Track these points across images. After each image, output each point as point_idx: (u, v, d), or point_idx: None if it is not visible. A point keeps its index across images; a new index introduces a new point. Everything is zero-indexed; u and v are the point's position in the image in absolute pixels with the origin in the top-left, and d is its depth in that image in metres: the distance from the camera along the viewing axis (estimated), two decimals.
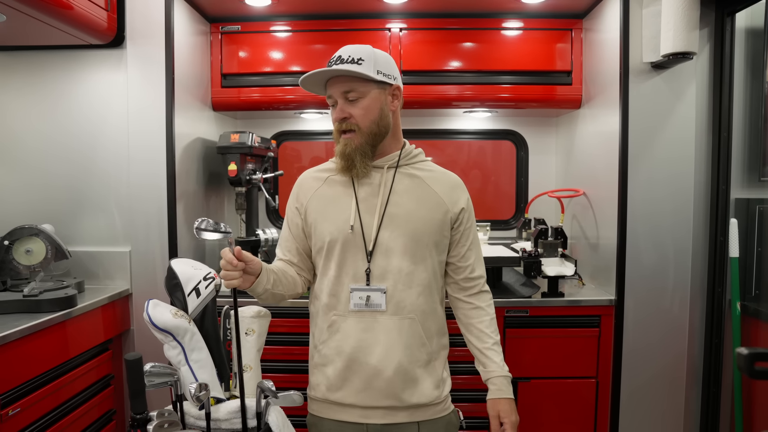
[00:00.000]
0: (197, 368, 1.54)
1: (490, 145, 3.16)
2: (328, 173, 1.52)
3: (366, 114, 1.41)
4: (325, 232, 1.46)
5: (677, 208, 2.26)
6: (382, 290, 1.42)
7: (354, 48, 1.42)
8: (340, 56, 1.41)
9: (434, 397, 1.46)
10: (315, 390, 1.52)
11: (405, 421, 1.44)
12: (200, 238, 1.33)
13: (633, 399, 2.29)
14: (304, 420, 1.60)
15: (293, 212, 1.54)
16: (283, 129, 3.12)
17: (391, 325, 1.42)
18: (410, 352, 1.43)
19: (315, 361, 1.52)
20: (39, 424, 1.80)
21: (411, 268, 1.43)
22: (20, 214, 2.30)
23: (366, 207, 1.45)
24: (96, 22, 2.12)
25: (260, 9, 2.54)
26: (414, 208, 1.45)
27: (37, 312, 1.88)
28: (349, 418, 1.45)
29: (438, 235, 1.46)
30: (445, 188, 1.50)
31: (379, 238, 1.43)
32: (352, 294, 1.43)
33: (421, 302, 1.44)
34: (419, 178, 1.49)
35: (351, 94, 1.41)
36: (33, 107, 2.34)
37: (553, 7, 2.54)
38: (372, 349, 1.42)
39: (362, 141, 1.43)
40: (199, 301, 1.62)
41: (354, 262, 1.44)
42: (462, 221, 1.50)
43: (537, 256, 2.41)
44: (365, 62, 1.39)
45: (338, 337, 1.45)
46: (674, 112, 2.24)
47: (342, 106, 1.42)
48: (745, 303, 2.22)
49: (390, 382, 1.42)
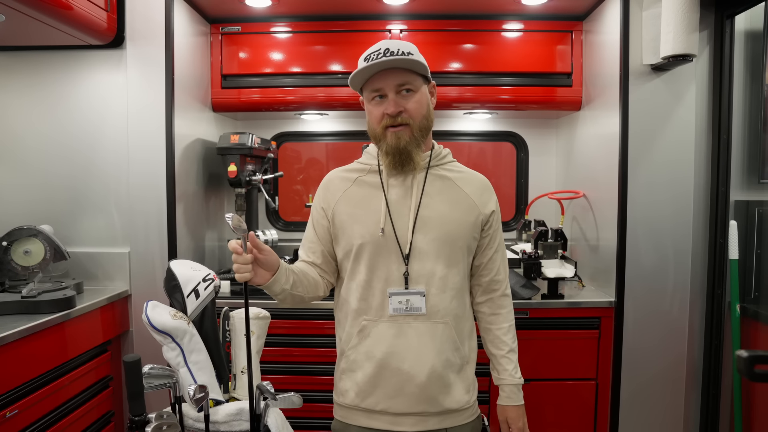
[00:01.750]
0: (196, 370, 1.54)
1: (490, 146, 3.16)
2: (357, 174, 1.48)
3: (418, 108, 1.38)
4: (355, 234, 1.41)
5: (677, 210, 2.26)
6: (422, 293, 1.38)
7: (395, 42, 1.38)
8: (387, 48, 1.35)
9: (465, 401, 1.44)
10: (343, 396, 1.46)
11: (435, 428, 1.41)
12: None
13: (633, 401, 2.29)
14: (327, 423, 1.57)
15: (319, 213, 1.48)
16: (283, 130, 3.12)
17: (423, 329, 1.39)
18: (444, 357, 1.40)
19: (343, 367, 1.47)
20: (37, 426, 1.79)
21: (445, 272, 1.40)
22: (19, 215, 2.30)
23: (397, 209, 1.41)
24: (96, 22, 2.12)
25: (260, 10, 2.54)
26: (447, 211, 1.42)
27: (36, 313, 1.88)
28: (379, 425, 1.41)
29: (470, 238, 1.44)
30: (475, 190, 1.47)
31: (413, 241, 1.39)
32: (391, 299, 1.38)
33: (454, 306, 1.42)
34: (450, 179, 1.46)
35: (406, 86, 1.36)
36: (33, 107, 2.34)
37: (553, 9, 2.54)
38: (404, 354, 1.38)
39: (415, 135, 1.39)
40: (198, 302, 1.61)
41: (386, 266, 1.39)
42: (491, 224, 1.48)
43: (537, 257, 2.41)
44: (414, 55, 1.36)
45: (369, 342, 1.40)
46: (674, 114, 2.24)
47: (396, 99, 1.37)
48: (744, 305, 2.21)
49: (423, 388, 1.38)
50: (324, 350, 2.29)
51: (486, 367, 1.55)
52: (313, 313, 2.31)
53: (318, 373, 2.31)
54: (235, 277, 1.29)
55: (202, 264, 1.76)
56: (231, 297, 2.31)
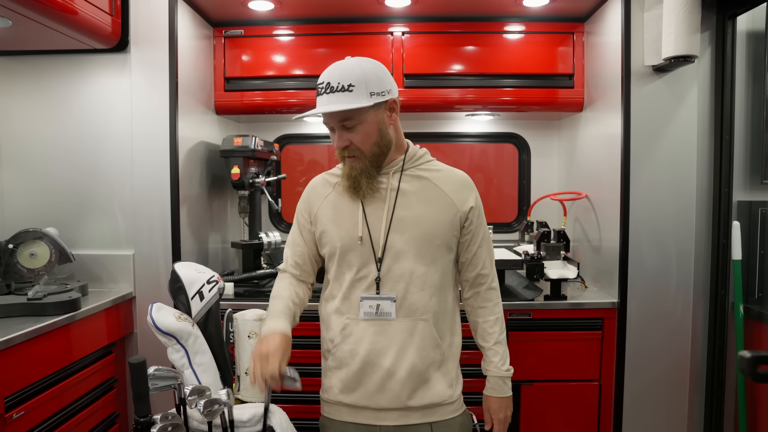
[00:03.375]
0: (200, 371, 1.55)
1: (492, 148, 3.16)
2: (337, 178, 1.52)
3: (365, 138, 1.40)
4: (335, 238, 1.46)
5: (679, 211, 2.26)
6: (392, 299, 1.42)
7: (341, 72, 1.37)
8: (329, 84, 1.37)
9: (447, 396, 1.47)
10: (328, 392, 1.52)
11: (418, 422, 1.44)
12: None
13: (636, 402, 2.29)
14: (316, 423, 1.60)
15: (304, 218, 1.54)
16: (285, 132, 3.13)
17: (403, 327, 1.43)
18: (424, 354, 1.43)
19: (328, 364, 1.52)
20: (43, 427, 1.80)
21: (423, 270, 1.43)
22: (24, 218, 2.31)
23: (374, 212, 1.45)
24: (100, 26, 2.13)
25: (263, 13, 2.56)
26: (423, 210, 1.45)
27: (41, 315, 1.89)
28: (362, 419, 1.46)
29: (449, 236, 1.46)
30: (453, 187, 1.49)
31: (389, 242, 1.43)
32: (362, 303, 1.43)
33: (433, 303, 1.45)
34: (426, 179, 1.49)
35: (348, 122, 1.38)
36: (37, 111, 2.36)
37: (554, 10, 2.55)
38: (385, 351, 1.42)
39: (366, 164, 1.43)
40: (203, 304, 1.62)
41: (367, 269, 1.44)
42: (472, 220, 1.49)
43: (539, 259, 2.41)
44: (356, 88, 1.35)
45: (352, 340, 1.45)
46: (676, 115, 2.24)
47: (341, 134, 1.41)
48: (748, 306, 2.21)
49: (403, 384, 1.42)
50: None
51: (478, 368, 1.56)
52: (314, 314, 2.31)
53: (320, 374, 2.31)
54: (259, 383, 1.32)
55: (206, 266, 1.77)
56: (235, 299, 2.32)
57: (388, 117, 1.44)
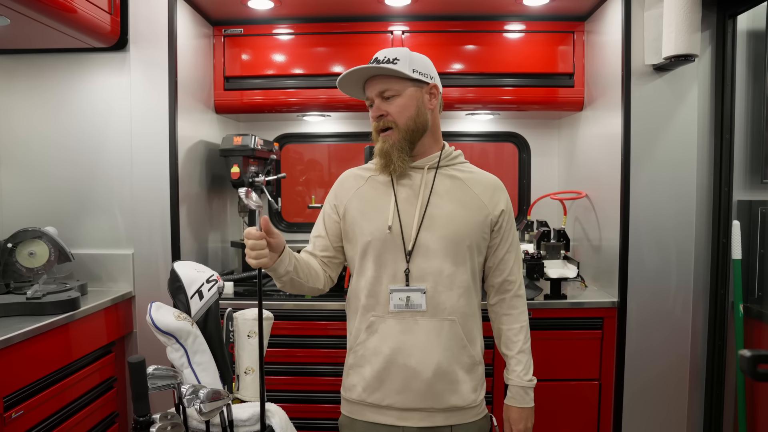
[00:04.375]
0: (200, 371, 1.54)
1: (492, 147, 3.16)
2: (370, 173, 1.52)
3: (402, 111, 1.42)
4: (365, 231, 1.45)
5: (680, 210, 2.26)
6: (422, 290, 1.41)
7: (390, 49, 1.45)
8: (376, 58, 1.44)
9: (472, 400, 1.45)
10: (350, 391, 1.49)
11: (441, 424, 1.42)
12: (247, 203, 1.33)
13: (636, 401, 2.29)
14: (330, 424, 1.58)
15: (331, 208, 1.53)
16: (285, 132, 3.13)
17: (430, 326, 1.41)
18: (450, 354, 1.42)
19: (351, 362, 1.50)
20: (42, 427, 1.80)
21: (452, 270, 1.42)
22: (23, 217, 2.31)
23: (406, 208, 1.44)
24: (99, 25, 2.13)
25: (263, 12, 2.55)
26: (455, 210, 1.44)
27: (41, 314, 1.89)
28: (385, 420, 1.43)
29: (478, 238, 1.45)
30: (485, 190, 1.49)
31: (419, 239, 1.42)
32: (392, 295, 1.41)
33: (461, 304, 1.43)
34: (460, 179, 1.49)
35: (387, 92, 1.42)
36: (36, 110, 2.35)
37: (554, 9, 2.54)
38: (411, 350, 1.40)
39: (399, 137, 1.43)
40: (202, 303, 1.62)
41: (393, 263, 1.42)
42: (502, 224, 1.49)
43: (540, 258, 2.41)
44: (401, 61, 1.41)
45: (376, 338, 1.43)
46: (676, 114, 2.24)
47: (378, 104, 1.44)
48: (748, 305, 2.21)
49: (429, 384, 1.40)
50: (328, 351, 2.30)
51: (490, 368, 1.55)
52: (316, 314, 2.32)
53: (322, 374, 2.31)
54: (251, 263, 1.30)
55: (205, 265, 1.77)
56: (234, 298, 2.32)
57: (428, 100, 1.46)
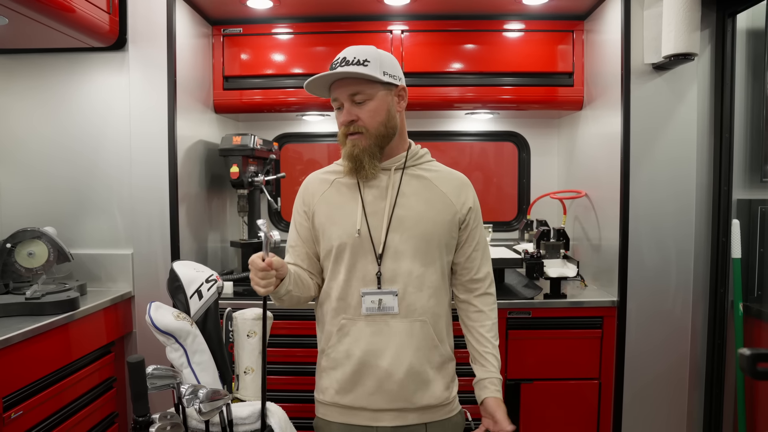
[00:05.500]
0: (199, 371, 1.54)
1: (492, 146, 3.16)
2: (335, 175, 1.50)
3: (373, 116, 1.40)
4: (333, 236, 1.44)
5: (679, 209, 2.26)
6: (394, 293, 1.40)
7: (358, 49, 1.40)
8: (344, 58, 1.39)
9: (444, 398, 1.46)
10: (323, 394, 1.50)
11: (414, 422, 1.43)
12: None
13: (636, 400, 2.29)
14: (310, 423, 1.59)
15: (301, 215, 1.52)
16: (285, 131, 3.13)
17: (401, 327, 1.41)
18: (421, 354, 1.42)
19: (323, 365, 1.50)
20: (42, 427, 1.80)
21: (421, 271, 1.42)
22: (22, 217, 2.31)
23: (373, 210, 1.43)
24: (98, 24, 2.13)
25: (262, 11, 2.55)
26: (423, 210, 1.44)
27: (40, 315, 1.88)
28: (359, 421, 1.44)
29: (447, 237, 1.45)
30: (452, 188, 1.48)
31: (388, 241, 1.41)
32: (364, 298, 1.41)
33: (432, 304, 1.43)
34: (426, 179, 1.48)
35: (358, 97, 1.38)
36: (35, 110, 2.35)
37: (554, 8, 2.54)
38: (383, 352, 1.40)
39: (370, 142, 1.41)
40: (202, 303, 1.62)
41: (364, 266, 1.42)
42: (469, 222, 1.49)
43: (539, 257, 2.41)
44: (371, 63, 1.37)
45: (348, 340, 1.43)
46: (676, 113, 2.24)
47: (349, 108, 1.40)
48: (747, 304, 2.21)
49: (401, 385, 1.41)
50: None
51: (470, 368, 1.55)
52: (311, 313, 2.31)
53: None
54: (259, 291, 1.31)
55: (204, 265, 1.76)
56: (234, 298, 2.32)
57: (397, 103, 1.45)
